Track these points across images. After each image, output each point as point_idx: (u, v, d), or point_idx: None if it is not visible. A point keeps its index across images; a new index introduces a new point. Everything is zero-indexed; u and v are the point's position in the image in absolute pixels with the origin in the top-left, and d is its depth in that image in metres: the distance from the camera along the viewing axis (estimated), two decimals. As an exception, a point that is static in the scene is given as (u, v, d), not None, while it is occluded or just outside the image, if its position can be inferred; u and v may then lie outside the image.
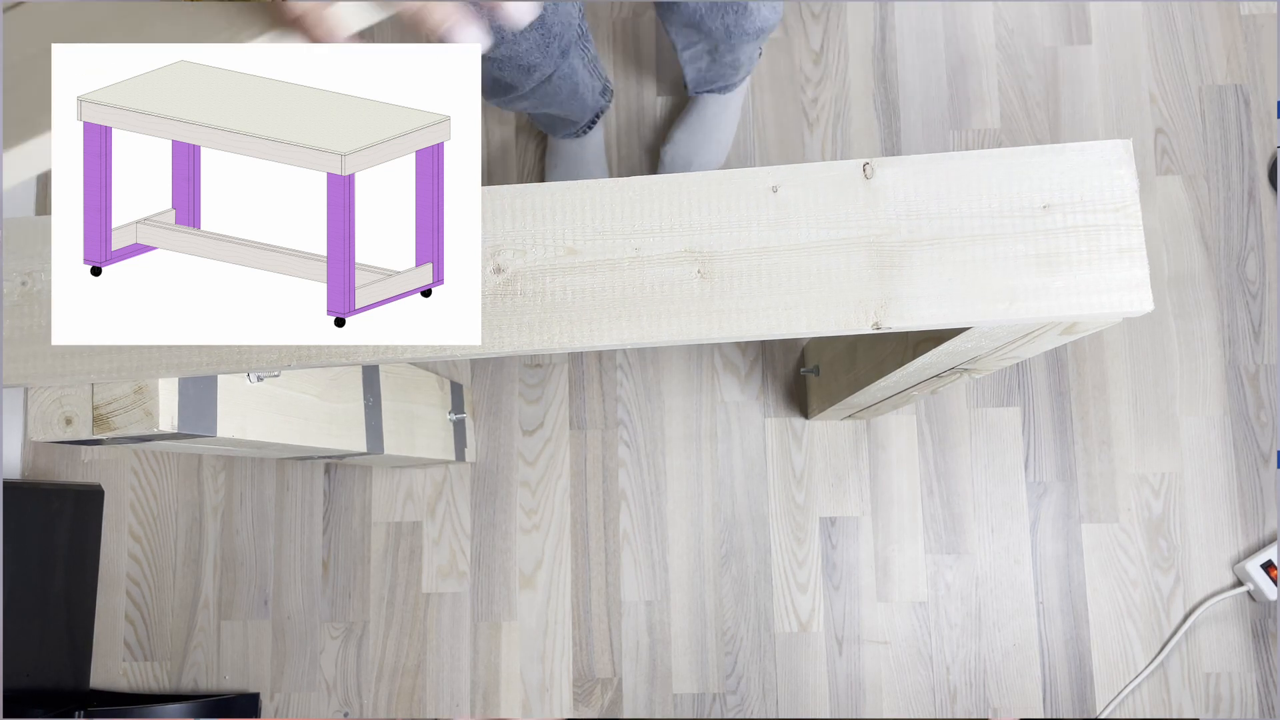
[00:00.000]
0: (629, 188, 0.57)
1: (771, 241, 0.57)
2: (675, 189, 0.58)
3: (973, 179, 0.58)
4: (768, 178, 0.58)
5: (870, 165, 0.58)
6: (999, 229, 0.58)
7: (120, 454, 1.45)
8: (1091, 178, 0.57)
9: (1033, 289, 0.57)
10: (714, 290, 0.58)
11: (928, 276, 0.57)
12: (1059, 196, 0.57)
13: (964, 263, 0.58)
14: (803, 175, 0.58)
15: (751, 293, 0.58)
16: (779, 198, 0.57)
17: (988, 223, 0.58)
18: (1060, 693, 1.35)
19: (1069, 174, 0.57)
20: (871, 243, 0.58)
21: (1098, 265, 0.57)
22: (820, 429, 1.41)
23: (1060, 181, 0.57)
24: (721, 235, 0.57)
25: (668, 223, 0.57)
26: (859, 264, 0.58)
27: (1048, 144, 0.58)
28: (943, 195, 0.58)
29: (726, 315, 0.58)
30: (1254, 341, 1.41)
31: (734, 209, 0.58)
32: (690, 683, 1.37)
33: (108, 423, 0.65)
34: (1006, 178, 0.58)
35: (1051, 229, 0.58)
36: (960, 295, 0.58)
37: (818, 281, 0.58)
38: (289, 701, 1.39)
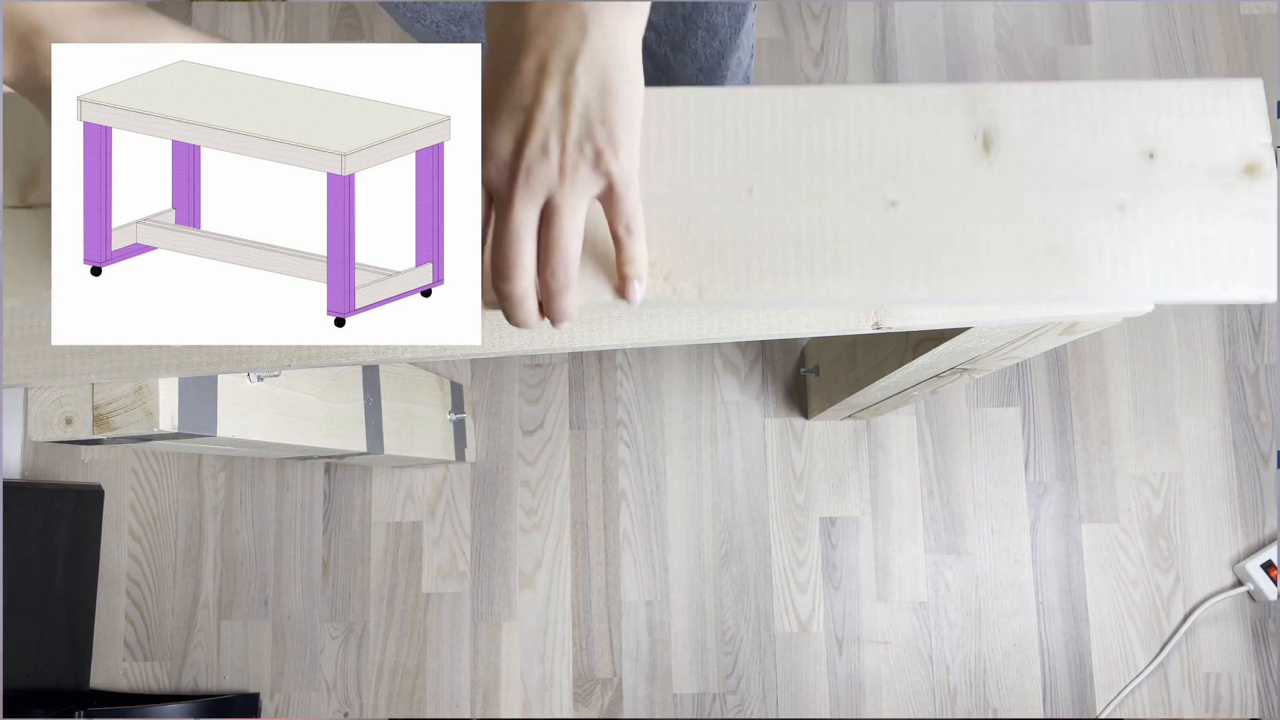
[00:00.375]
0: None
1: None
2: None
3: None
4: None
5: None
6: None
7: (120, 454, 1.45)
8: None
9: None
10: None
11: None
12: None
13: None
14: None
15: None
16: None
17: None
18: (1060, 693, 1.35)
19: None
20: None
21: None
22: (820, 429, 1.41)
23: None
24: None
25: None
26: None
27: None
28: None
29: (727, 315, 0.58)
30: (1254, 341, 1.41)
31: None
32: (690, 683, 1.37)
33: (108, 423, 0.65)
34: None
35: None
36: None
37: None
38: (289, 701, 1.39)
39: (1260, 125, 0.46)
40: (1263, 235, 0.45)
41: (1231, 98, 0.46)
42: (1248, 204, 0.45)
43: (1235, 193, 0.45)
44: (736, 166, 0.45)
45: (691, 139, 0.46)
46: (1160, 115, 0.46)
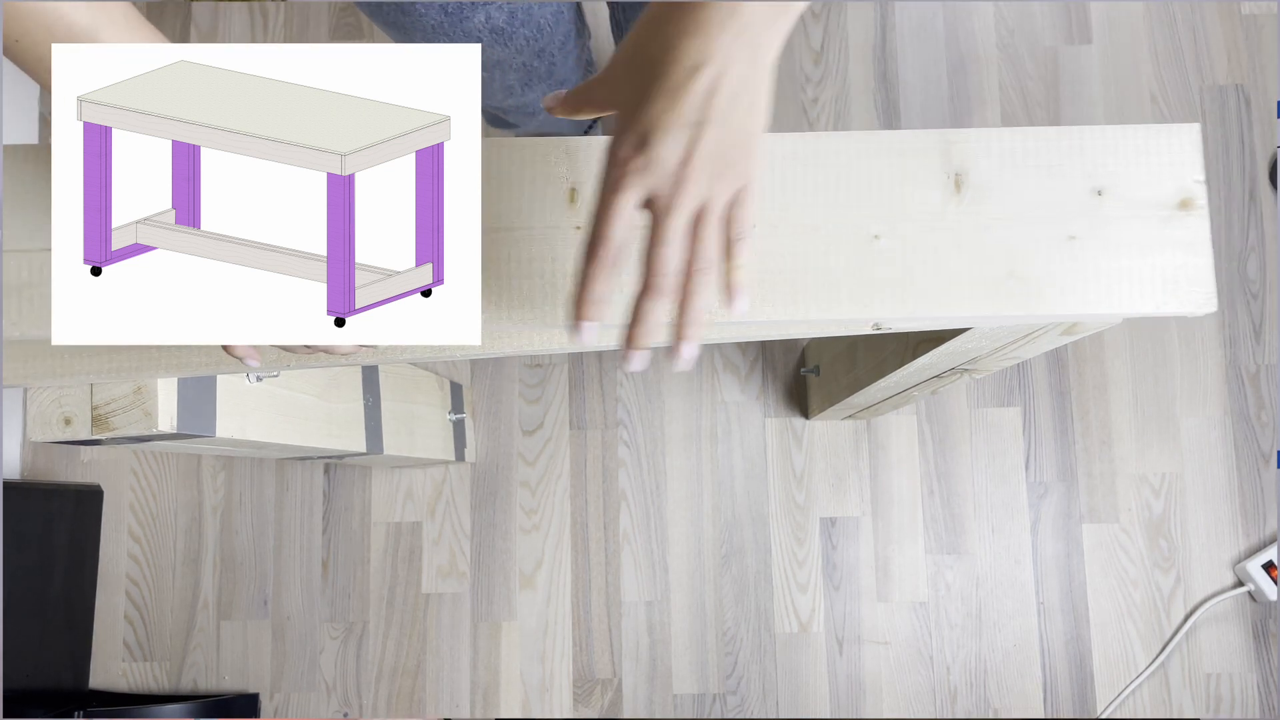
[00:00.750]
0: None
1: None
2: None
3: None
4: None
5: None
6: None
7: (120, 454, 1.45)
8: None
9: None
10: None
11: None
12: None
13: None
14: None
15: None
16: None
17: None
18: (1060, 693, 1.35)
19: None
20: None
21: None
22: (820, 429, 1.41)
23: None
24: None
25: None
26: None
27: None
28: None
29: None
30: (1254, 341, 1.41)
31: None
32: (690, 683, 1.37)
33: (107, 423, 0.65)
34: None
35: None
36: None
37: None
38: (289, 702, 1.39)
39: (1195, 164, 0.52)
40: (1192, 264, 0.52)
41: (1171, 140, 0.53)
42: (1181, 235, 0.52)
43: (1171, 225, 0.52)
44: None
45: None
46: (1109, 156, 0.52)
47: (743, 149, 0.43)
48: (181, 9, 1.59)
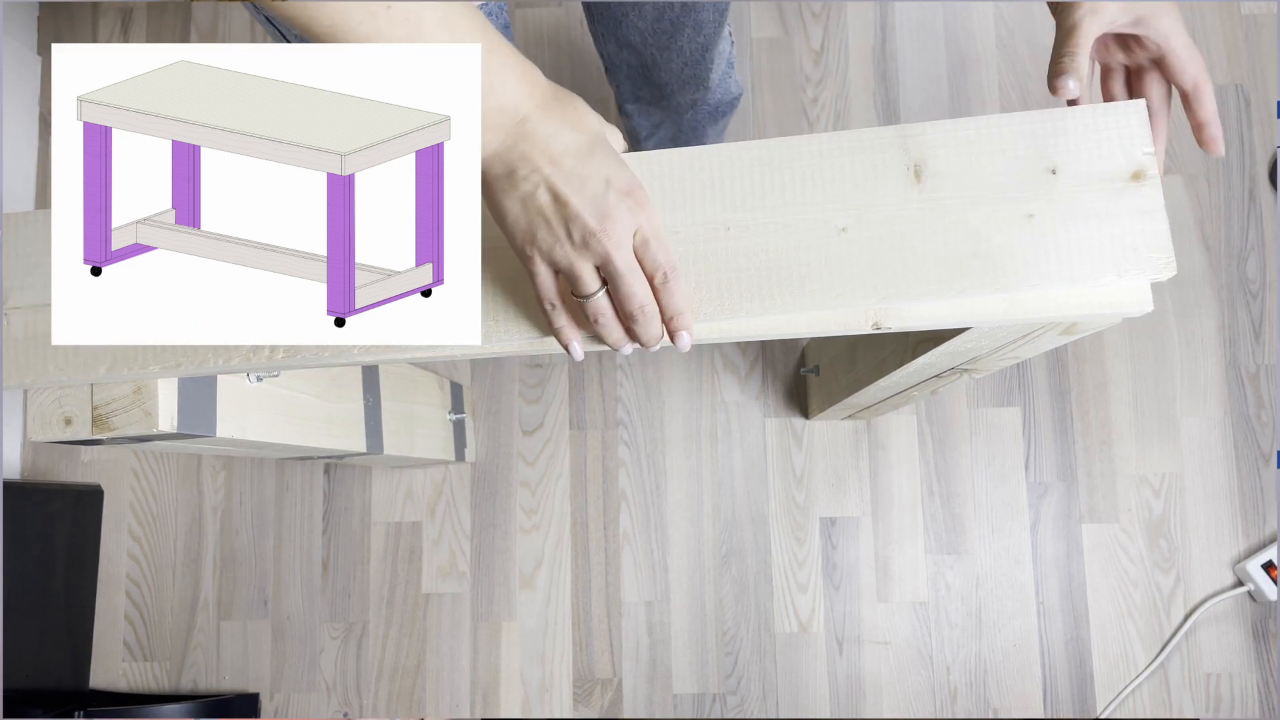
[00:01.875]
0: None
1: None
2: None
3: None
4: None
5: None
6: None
7: (120, 454, 1.45)
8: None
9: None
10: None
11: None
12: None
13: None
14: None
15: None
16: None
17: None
18: (1060, 693, 1.35)
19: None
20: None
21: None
22: (820, 429, 1.41)
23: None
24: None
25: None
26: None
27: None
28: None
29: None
30: (1254, 341, 1.41)
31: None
32: (690, 683, 1.37)
33: (107, 423, 0.65)
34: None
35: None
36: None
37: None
38: (289, 702, 1.39)
39: (1143, 138, 0.54)
40: (1149, 229, 0.53)
41: (1119, 116, 0.55)
42: (1136, 204, 0.54)
43: (1125, 196, 0.54)
44: (715, 210, 0.55)
45: (677, 189, 0.55)
46: (1060, 137, 0.54)
47: (598, 214, 0.47)
48: (181, 9, 1.59)
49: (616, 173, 0.48)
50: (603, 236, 0.47)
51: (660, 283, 0.50)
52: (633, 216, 0.48)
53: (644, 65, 1.03)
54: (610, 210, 0.47)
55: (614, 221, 0.47)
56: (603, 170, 0.47)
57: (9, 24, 1.51)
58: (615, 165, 0.48)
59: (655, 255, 0.49)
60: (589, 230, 0.47)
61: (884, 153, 0.54)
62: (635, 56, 1.01)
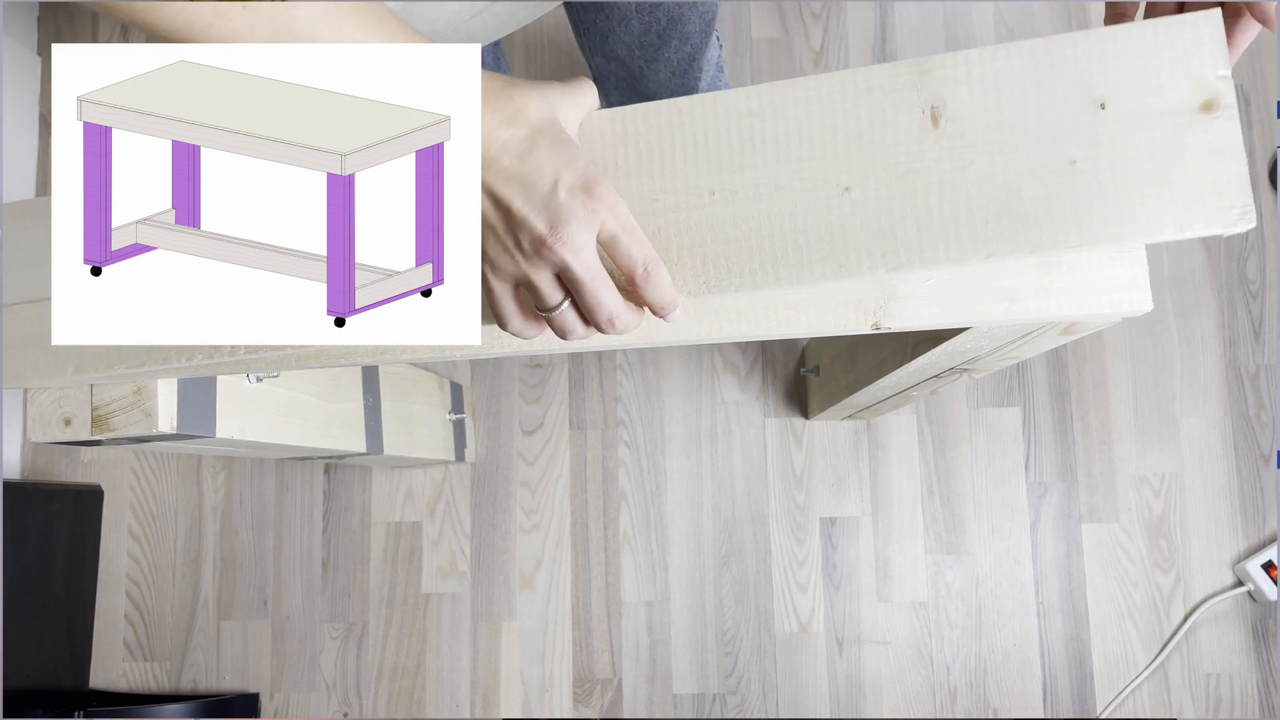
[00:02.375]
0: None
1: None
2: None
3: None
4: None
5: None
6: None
7: (120, 454, 1.45)
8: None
9: (1032, 289, 0.57)
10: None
11: (927, 277, 0.57)
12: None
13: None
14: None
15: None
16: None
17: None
18: (1060, 693, 1.35)
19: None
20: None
21: (1096, 265, 0.57)
22: (820, 429, 1.41)
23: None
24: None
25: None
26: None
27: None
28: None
29: (727, 316, 0.58)
30: (1254, 341, 1.41)
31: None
32: (690, 683, 1.37)
33: (106, 424, 0.65)
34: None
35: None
36: (960, 295, 0.57)
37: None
38: (289, 702, 1.39)
39: (1217, 57, 0.44)
40: (1222, 172, 0.44)
41: (1186, 31, 0.44)
42: (1204, 142, 0.44)
43: (1192, 132, 0.44)
44: (698, 173, 0.48)
45: (654, 153, 0.48)
46: (1110, 62, 0.44)
47: (548, 218, 0.43)
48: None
49: (566, 167, 0.43)
50: (555, 243, 0.42)
51: (641, 279, 0.45)
52: (591, 215, 0.43)
53: (631, 76, 1.03)
54: (561, 212, 0.42)
55: (567, 224, 0.42)
56: (549, 166, 0.43)
57: (9, 24, 1.51)
58: (564, 158, 0.43)
59: (628, 251, 0.45)
60: (538, 237, 0.43)
61: (895, 94, 0.46)
62: (622, 69, 1.01)
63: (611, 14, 0.92)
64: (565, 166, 0.43)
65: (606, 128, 0.49)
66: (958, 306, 0.56)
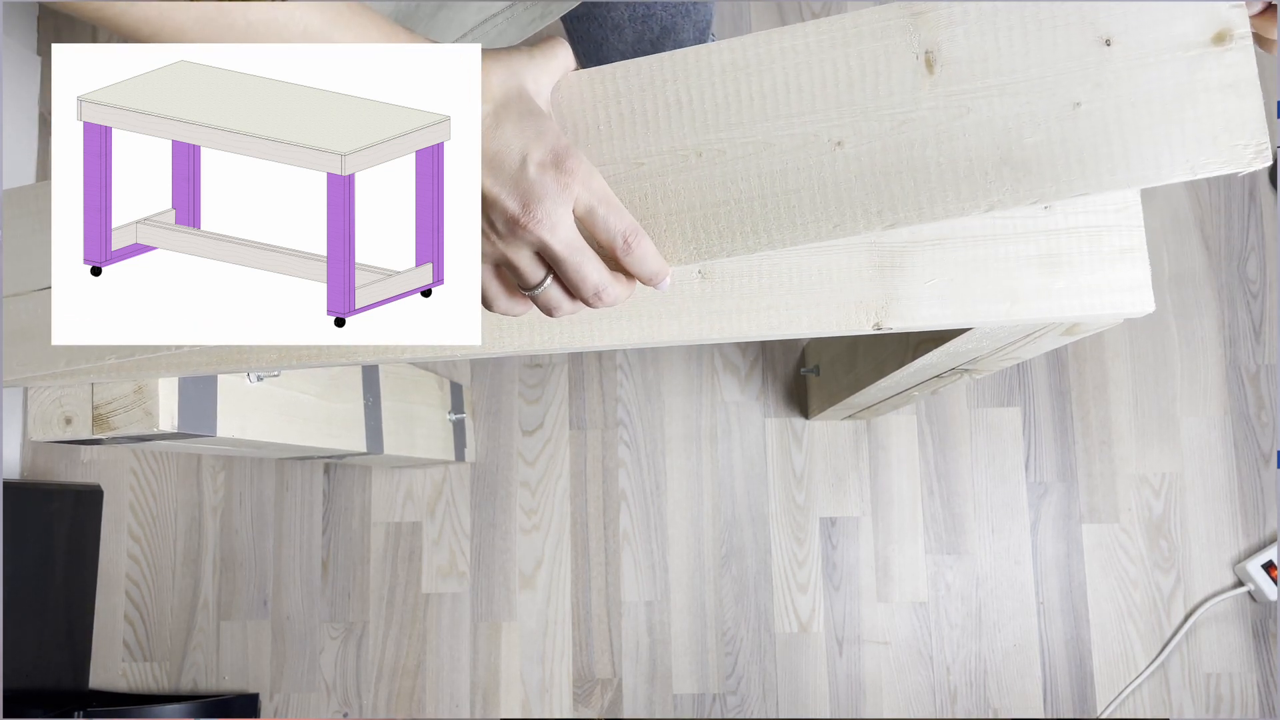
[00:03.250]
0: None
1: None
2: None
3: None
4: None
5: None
6: (1000, 229, 0.58)
7: (120, 454, 1.45)
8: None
9: (1034, 290, 0.57)
10: (714, 290, 0.58)
11: (929, 277, 0.57)
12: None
13: (965, 263, 0.58)
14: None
15: (752, 293, 0.58)
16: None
17: (989, 223, 0.58)
18: (1061, 693, 1.35)
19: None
20: (872, 243, 0.58)
21: (1099, 266, 0.57)
22: (820, 429, 1.41)
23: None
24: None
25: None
26: (860, 264, 0.58)
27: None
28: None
29: (727, 316, 0.58)
30: (1254, 341, 1.41)
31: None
32: (690, 683, 1.36)
33: (107, 423, 0.65)
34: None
35: (1053, 229, 0.58)
36: (962, 296, 0.57)
37: (818, 282, 0.58)
38: (288, 702, 1.39)
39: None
40: (1235, 108, 0.42)
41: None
42: (1216, 76, 0.41)
43: (1203, 66, 0.42)
44: (683, 133, 0.45)
45: (636, 114, 0.46)
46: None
47: (520, 197, 0.42)
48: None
49: (535, 141, 0.42)
50: (529, 221, 0.42)
51: (623, 252, 0.44)
52: (564, 190, 0.42)
53: None
54: (533, 189, 0.41)
55: (540, 201, 0.41)
56: (516, 142, 0.42)
57: (9, 24, 1.51)
58: (532, 131, 0.42)
59: (607, 222, 0.43)
60: (511, 217, 0.42)
61: (888, 39, 0.43)
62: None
63: (605, 23, 0.92)
64: (533, 141, 0.42)
65: (586, 88, 0.46)
66: (959, 307, 0.55)
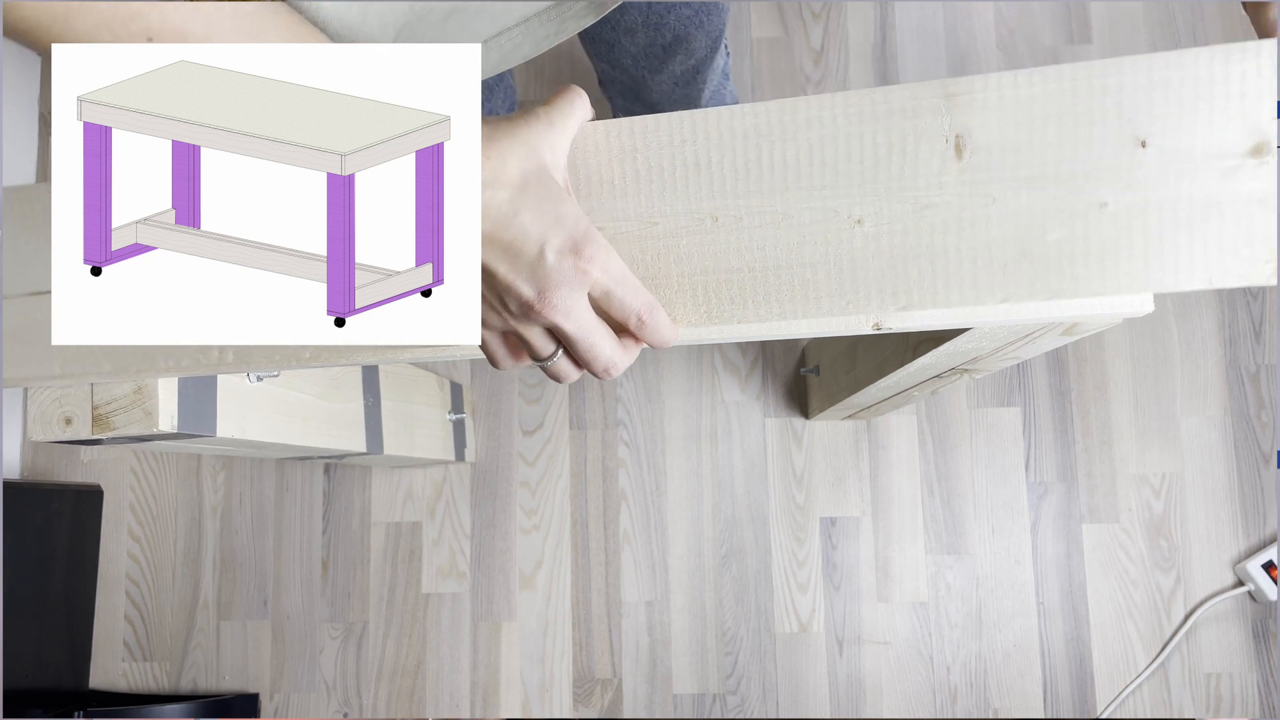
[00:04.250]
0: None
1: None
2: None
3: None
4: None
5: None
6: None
7: (120, 454, 1.45)
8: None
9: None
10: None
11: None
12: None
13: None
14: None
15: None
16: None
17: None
18: (1061, 693, 1.35)
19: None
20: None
21: (1099, 266, 0.57)
22: (820, 429, 1.41)
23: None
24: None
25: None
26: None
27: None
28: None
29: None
30: (1254, 341, 1.41)
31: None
32: (690, 683, 1.36)
33: (107, 423, 0.65)
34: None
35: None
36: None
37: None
38: (288, 702, 1.39)
39: (1270, 94, 0.40)
40: (1259, 223, 0.41)
41: (1244, 62, 0.40)
42: (1247, 189, 0.40)
43: (1235, 178, 0.41)
44: (699, 196, 0.45)
45: (653, 172, 0.45)
46: (1157, 94, 0.41)
47: (535, 284, 0.41)
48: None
49: (553, 228, 0.41)
50: (544, 308, 0.41)
51: (636, 329, 0.44)
52: (581, 276, 0.41)
53: (635, 83, 1.03)
54: (550, 276, 0.40)
55: (556, 289, 0.41)
56: (534, 229, 0.40)
57: (9, 24, 1.51)
58: (550, 217, 0.41)
59: (623, 303, 0.43)
60: (526, 302, 0.41)
61: (917, 119, 0.42)
62: (626, 76, 1.02)
63: (618, 25, 0.92)
64: (552, 228, 0.41)
65: (602, 141, 0.46)
66: (960, 307, 0.55)
